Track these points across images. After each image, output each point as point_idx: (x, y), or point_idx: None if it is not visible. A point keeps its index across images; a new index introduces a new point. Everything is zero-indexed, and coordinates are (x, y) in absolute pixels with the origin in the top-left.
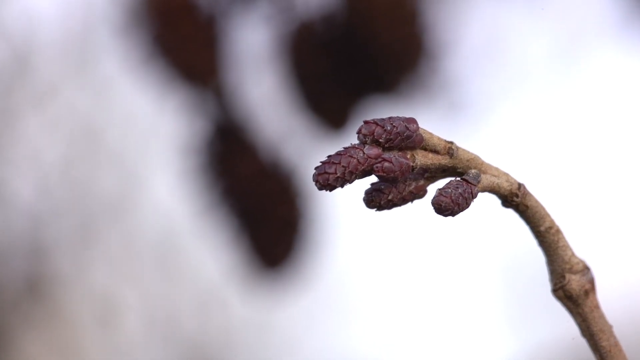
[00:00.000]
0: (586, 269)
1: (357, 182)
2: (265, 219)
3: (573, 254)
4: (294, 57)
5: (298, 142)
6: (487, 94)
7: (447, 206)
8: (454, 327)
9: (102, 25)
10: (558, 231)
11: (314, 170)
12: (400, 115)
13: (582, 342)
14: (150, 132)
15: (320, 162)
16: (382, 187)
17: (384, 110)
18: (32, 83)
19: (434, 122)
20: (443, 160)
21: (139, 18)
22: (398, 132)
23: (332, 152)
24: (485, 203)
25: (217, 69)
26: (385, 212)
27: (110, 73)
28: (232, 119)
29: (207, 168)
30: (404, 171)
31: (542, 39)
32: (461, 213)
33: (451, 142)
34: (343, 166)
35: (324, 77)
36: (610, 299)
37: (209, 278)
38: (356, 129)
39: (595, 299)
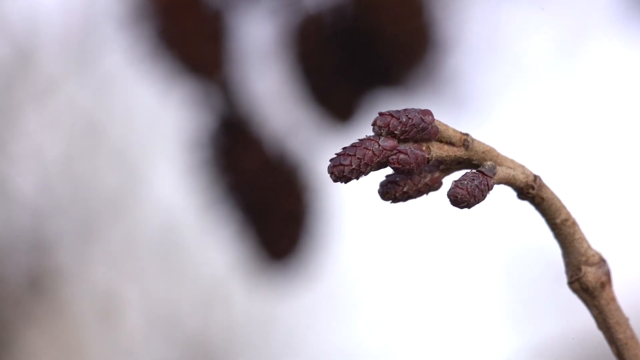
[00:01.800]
0: (602, 262)
1: (369, 174)
2: (270, 213)
3: (589, 247)
4: (300, 50)
5: (304, 136)
6: (492, 87)
7: (463, 198)
8: (457, 323)
9: (104, 20)
10: (574, 223)
11: (329, 162)
12: (414, 107)
13: (584, 339)
14: (153, 127)
15: (335, 153)
16: (397, 179)
17: (390, 103)
18: (34, 79)
19: (440, 115)
20: (458, 152)
21: (143, 12)
22: (413, 124)
23: (341, 145)
24: (489, 199)
25: (223, 62)
26: (391, 206)
27: (113, 68)
28: (237, 113)
29: (212, 162)
30: (419, 163)
31: (546, 32)
32: (476, 205)
33: (467, 134)
34: (358, 158)
35: (330, 70)
36: (627, 291)
37: (212, 274)
38: (363, 121)
39: (611, 292)
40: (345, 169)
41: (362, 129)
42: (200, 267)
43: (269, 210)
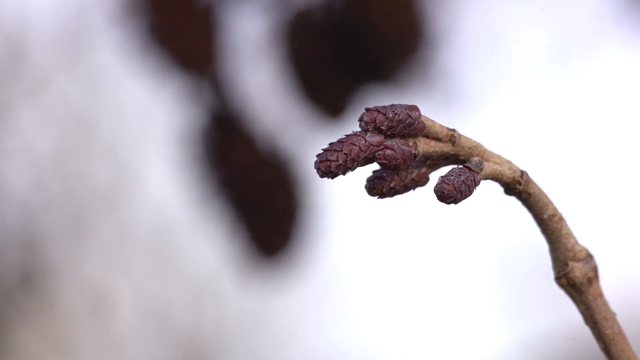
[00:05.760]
0: (589, 257)
1: (356, 170)
2: (262, 208)
3: (576, 242)
4: (291, 45)
5: (295, 131)
6: (484, 83)
7: (449, 194)
8: (449, 318)
9: (95, 15)
10: (561, 219)
11: (316, 158)
12: (401, 103)
13: (577, 334)
14: (144, 123)
15: (322, 149)
16: (384, 174)
17: (381, 98)
18: (25, 74)
19: (431, 111)
20: (445, 147)
21: (135, 8)
22: (400, 120)
23: (332, 140)
24: (482, 193)
25: (214, 57)
26: (383, 201)
27: (104, 64)
28: (229, 108)
29: (203, 158)
30: (406, 159)
31: (539, 29)
32: (463, 201)
33: (453, 130)
34: (345, 154)
35: (321, 66)
36: (614, 286)
37: (204, 270)
38: (354, 117)
39: (598, 287)
40: (331, 165)
41: (353, 125)
42: (192, 262)
43: (261, 205)
